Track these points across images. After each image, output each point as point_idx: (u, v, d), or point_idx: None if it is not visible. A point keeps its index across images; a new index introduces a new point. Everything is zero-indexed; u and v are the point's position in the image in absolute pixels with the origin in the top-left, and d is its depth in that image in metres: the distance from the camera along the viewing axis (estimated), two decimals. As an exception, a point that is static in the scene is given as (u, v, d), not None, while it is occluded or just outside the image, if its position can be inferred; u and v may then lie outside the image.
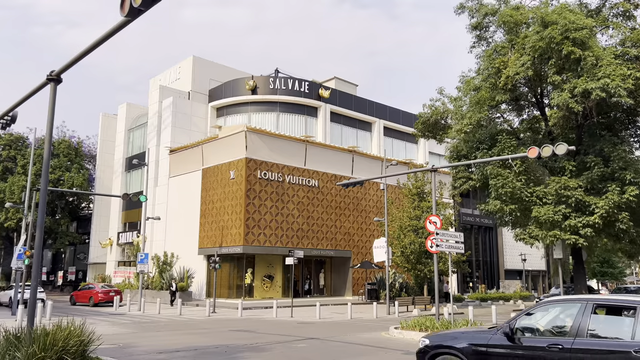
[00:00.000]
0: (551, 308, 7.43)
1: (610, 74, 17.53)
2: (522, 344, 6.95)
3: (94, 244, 47.74)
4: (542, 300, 8.10)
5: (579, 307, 6.87)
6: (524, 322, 7.26)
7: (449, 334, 8.24)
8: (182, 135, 40.04)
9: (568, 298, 7.66)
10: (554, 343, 6.68)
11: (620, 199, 18.32)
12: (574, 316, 6.85)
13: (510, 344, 7.03)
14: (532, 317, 7.35)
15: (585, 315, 6.72)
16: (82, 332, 8.97)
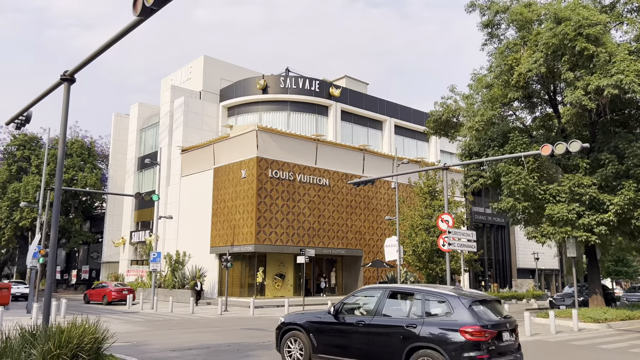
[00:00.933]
0: (364, 294, 9.74)
1: (624, 70, 17.32)
2: (343, 321, 9.24)
3: (107, 243, 48.19)
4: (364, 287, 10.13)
5: (380, 293, 9.16)
6: (346, 305, 9.56)
7: (297, 315, 10.35)
8: (193, 135, 40.25)
9: (374, 286, 9.94)
10: (360, 320, 8.99)
11: (636, 195, 18.12)
12: (375, 300, 9.14)
13: (335, 320, 9.35)
14: (352, 301, 9.69)
15: (382, 299, 9.00)
16: (97, 329, 9.05)
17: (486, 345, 7.72)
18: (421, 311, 8.42)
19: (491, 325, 7.94)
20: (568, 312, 19.51)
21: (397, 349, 8.26)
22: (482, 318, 7.98)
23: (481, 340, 7.70)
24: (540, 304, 33.45)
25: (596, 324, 18.32)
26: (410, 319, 8.38)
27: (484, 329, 7.77)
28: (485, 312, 8.23)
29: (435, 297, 8.53)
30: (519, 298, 39.23)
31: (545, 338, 15.44)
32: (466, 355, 7.62)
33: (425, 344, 7.99)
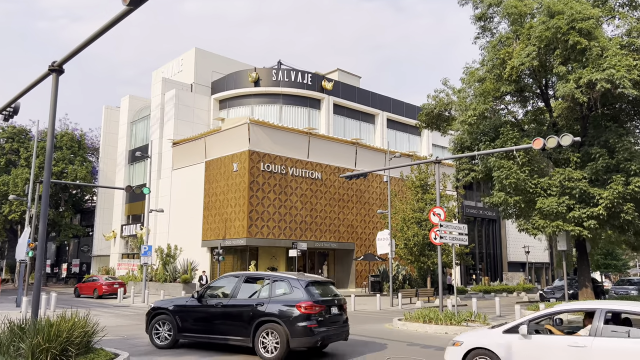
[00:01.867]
0: (224, 280, 11.22)
1: (616, 64, 17.37)
2: (205, 303, 10.72)
3: (97, 236, 47.90)
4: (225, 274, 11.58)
5: (237, 279, 10.85)
6: (208, 290, 11.03)
7: (165, 301, 11.80)
8: (184, 128, 40.00)
9: (233, 273, 11.48)
10: (220, 302, 10.55)
11: (625, 189, 18.23)
12: (232, 285, 10.70)
13: (198, 303, 10.83)
14: (214, 286, 11.20)
15: (239, 284, 10.64)
16: (87, 323, 8.98)
17: (316, 317, 9.73)
18: (268, 293, 10.20)
19: (321, 301, 9.95)
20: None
21: (248, 323, 10.00)
22: (314, 296, 9.92)
23: (312, 312, 9.66)
24: (530, 297, 33.72)
25: (586, 316, 18.46)
26: (259, 299, 10.18)
27: (315, 304, 9.74)
28: (317, 291, 10.17)
29: (280, 280, 10.34)
30: (510, 291, 39.52)
31: (535, 331, 15.53)
32: (301, 325, 9.58)
33: (270, 318, 9.80)
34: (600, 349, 7.01)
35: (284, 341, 9.55)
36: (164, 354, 10.52)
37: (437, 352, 11.27)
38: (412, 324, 15.46)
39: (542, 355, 7.45)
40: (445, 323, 14.81)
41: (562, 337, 7.55)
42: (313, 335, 9.63)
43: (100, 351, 9.11)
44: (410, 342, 12.57)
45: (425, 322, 15.25)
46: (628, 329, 7.34)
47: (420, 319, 15.55)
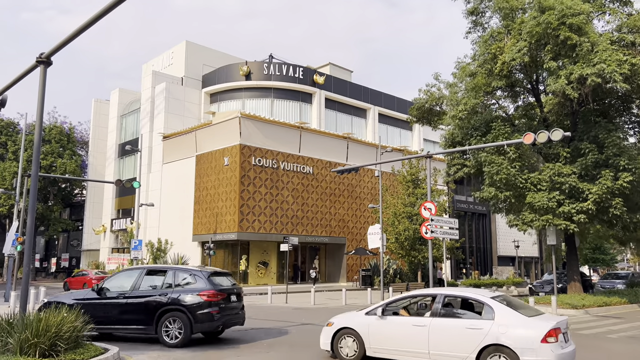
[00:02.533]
0: (125, 274, 11.91)
1: (606, 59, 17.46)
2: (105, 295, 11.27)
3: (87, 230, 47.57)
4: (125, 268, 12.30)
5: (139, 272, 11.42)
6: (107, 284, 11.53)
7: (66, 295, 12.36)
8: (175, 122, 39.74)
9: (134, 267, 12.03)
10: (122, 293, 11.15)
11: (614, 184, 18.39)
12: (134, 277, 11.32)
13: (98, 296, 11.29)
14: (113, 279, 11.72)
15: (140, 277, 11.24)
16: (76, 318, 8.92)
17: (217, 304, 10.71)
18: (172, 283, 11.01)
19: (222, 290, 10.96)
20: (547, 299, 19.84)
21: (152, 313, 10.67)
22: (216, 285, 10.94)
23: (214, 300, 10.67)
24: (520, 291, 34.00)
25: (574, 310, 18.66)
26: (162, 290, 10.92)
27: (217, 293, 10.77)
28: (219, 281, 11.18)
29: (184, 272, 11.25)
30: (500, 285, 39.82)
31: (525, 324, 15.65)
32: (204, 311, 10.51)
33: (174, 306, 10.57)
34: (436, 326, 8.48)
35: (187, 327, 10.43)
36: (155, 348, 10.48)
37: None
38: (402, 317, 15.47)
39: (392, 332, 8.94)
40: (436, 317, 14.84)
41: (409, 318, 9.02)
42: (214, 321, 10.70)
43: (89, 346, 9.04)
44: (401, 336, 12.59)
45: (416, 316, 15.27)
46: (459, 311, 8.86)
47: (411, 312, 15.56)
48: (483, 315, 8.38)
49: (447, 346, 8.33)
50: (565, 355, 7.86)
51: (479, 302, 8.62)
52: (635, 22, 18.63)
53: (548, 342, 7.64)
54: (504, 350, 7.84)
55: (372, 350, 9.06)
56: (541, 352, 7.59)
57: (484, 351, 7.98)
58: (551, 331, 7.73)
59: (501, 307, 8.27)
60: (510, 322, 8.02)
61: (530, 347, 7.65)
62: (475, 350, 8.03)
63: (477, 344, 8.02)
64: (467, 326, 8.24)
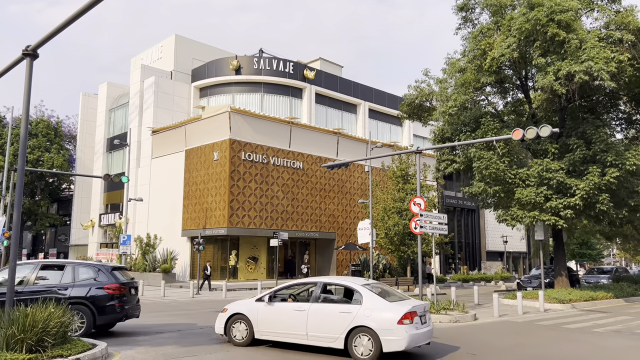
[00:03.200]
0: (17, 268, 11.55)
1: (594, 56, 17.62)
2: None
3: (75, 225, 47.15)
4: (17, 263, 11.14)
5: (32, 267, 11.51)
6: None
7: None
8: (164, 116, 39.44)
9: (25, 262, 12.03)
10: None
11: (601, 180, 18.60)
12: (27, 272, 11.33)
13: None
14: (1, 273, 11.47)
15: (35, 271, 11.38)
16: (63, 313, 8.85)
17: (121, 296, 11.37)
18: (72, 278, 11.31)
19: (125, 283, 11.69)
20: (535, 294, 20.05)
21: None
22: (119, 279, 11.60)
23: (118, 293, 11.31)
24: (508, 286, 34.32)
25: (561, 304, 18.89)
26: (62, 285, 11.15)
27: (122, 286, 11.46)
28: (120, 275, 11.88)
29: (85, 266, 11.69)
30: (488, 280, 40.16)
31: (512, 319, 15.84)
32: (109, 304, 11.09)
33: (76, 300, 10.89)
34: (314, 311, 9.51)
35: (90, 320, 10.86)
36: (141, 344, 10.44)
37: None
38: (392, 312, 15.56)
39: (277, 317, 9.92)
40: (425, 311, 14.94)
41: (292, 304, 9.95)
42: (118, 313, 11.33)
43: (77, 341, 8.99)
44: (390, 331, 12.66)
45: (405, 310, 15.35)
46: (336, 297, 10.04)
47: (400, 307, 15.64)
48: (354, 301, 9.44)
49: (322, 328, 9.36)
50: (418, 335, 9.02)
51: (351, 289, 9.69)
52: (623, 19, 18.80)
53: (403, 324, 8.79)
54: (368, 331, 8.93)
55: (260, 333, 10.06)
56: (396, 332, 8.75)
57: (352, 332, 9.06)
58: (406, 314, 8.88)
59: (369, 294, 9.35)
60: (375, 306, 9.11)
61: (389, 328, 8.79)
62: (344, 331, 9.11)
63: (347, 326, 9.10)
64: (340, 310, 9.33)
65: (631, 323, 14.94)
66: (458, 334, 12.58)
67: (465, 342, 11.33)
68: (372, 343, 8.87)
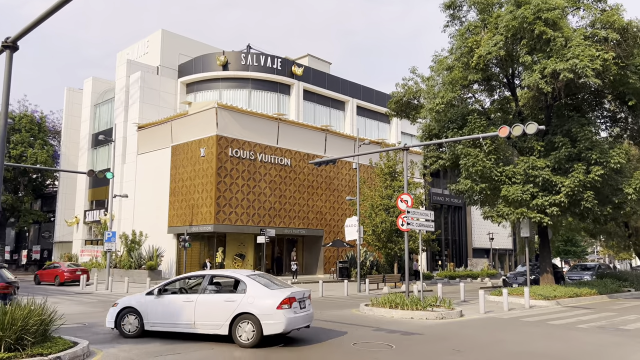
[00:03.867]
0: None
1: (579, 55, 17.73)
2: None
3: (59, 222, 46.54)
4: None
5: None
6: None
7: None
8: (150, 111, 39.04)
9: None
10: None
11: (586, 178, 18.75)
12: None
13: None
14: None
15: None
16: (44, 311, 8.69)
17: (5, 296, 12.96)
18: None
19: (10, 282, 14.03)
20: (520, 290, 20.18)
21: None
22: (4, 278, 13.67)
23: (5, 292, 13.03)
24: (494, 283, 34.58)
25: (546, 301, 19.03)
26: None
27: (7, 284, 13.59)
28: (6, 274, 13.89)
29: None
30: (474, 277, 40.43)
31: (498, 315, 15.92)
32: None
33: None
34: (201, 301, 10.18)
35: None
36: (127, 342, 10.29)
37: (402, 337, 11.39)
38: (378, 309, 15.59)
39: (166, 309, 10.44)
40: (411, 308, 14.97)
41: (181, 295, 10.57)
42: None
43: (58, 339, 8.83)
44: (376, 328, 12.67)
45: (391, 307, 15.39)
46: (223, 288, 10.77)
47: (386, 304, 15.68)
48: (239, 291, 10.23)
49: (208, 317, 10.08)
50: (296, 318, 10.00)
51: (237, 280, 10.53)
52: (609, 18, 18.93)
53: (282, 309, 9.72)
54: (250, 317, 9.79)
55: (150, 325, 10.54)
56: (276, 317, 9.68)
57: (236, 318, 9.87)
58: (285, 300, 9.80)
59: (252, 283, 10.18)
60: (257, 294, 9.97)
61: (269, 313, 9.70)
62: (229, 318, 9.91)
63: (231, 313, 9.91)
64: (225, 299, 10.10)
65: (615, 319, 15.10)
66: (444, 330, 12.60)
67: (451, 339, 11.34)
68: (254, 328, 9.73)
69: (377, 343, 10.59)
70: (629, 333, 12.51)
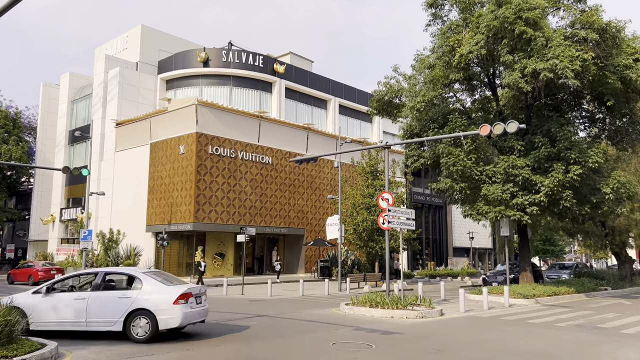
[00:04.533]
0: None
1: (559, 55, 17.84)
2: None
3: (34, 220, 45.48)
4: None
5: None
6: None
7: None
8: (129, 108, 38.35)
9: None
10: None
11: (565, 177, 18.89)
12: None
13: None
14: None
15: None
16: (10, 312, 8.33)
17: None
18: None
19: None
20: (500, 289, 20.25)
21: None
22: None
23: None
24: (474, 281, 34.75)
25: (525, 299, 19.12)
26: None
27: None
28: None
29: None
30: (454, 276, 40.62)
31: (479, 314, 15.91)
32: None
33: None
34: (94, 298, 10.22)
35: None
36: (98, 343, 9.95)
37: (382, 336, 11.25)
38: (359, 308, 15.44)
39: (55, 307, 10.33)
40: (392, 307, 14.86)
41: (72, 293, 10.54)
42: None
43: (24, 341, 8.48)
44: (356, 327, 12.51)
45: (372, 306, 15.27)
46: (117, 284, 10.81)
47: (367, 303, 15.55)
48: (134, 287, 10.39)
49: (102, 314, 10.11)
50: (192, 313, 10.32)
51: (132, 276, 10.67)
52: (588, 19, 19.09)
53: (179, 304, 10.01)
54: (146, 313, 9.95)
55: (36, 324, 10.14)
56: (172, 311, 9.96)
57: (131, 314, 9.98)
58: (182, 295, 10.10)
59: (148, 279, 10.40)
60: (153, 290, 10.18)
61: (165, 308, 9.95)
62: (123, 314, 10.00)
63: (126, 309, 10.01)
64: (120, 296, 10.21)
65: (593, 318, 15.20)
66: (425, 329, 12.50)
67: (432, 338, 11.24)
68: (149, 323, 9.91)
69: (356, 343, 10.43)
70: (606, 331, 12.57)
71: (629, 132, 22.12)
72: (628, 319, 14.89)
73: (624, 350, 10.18)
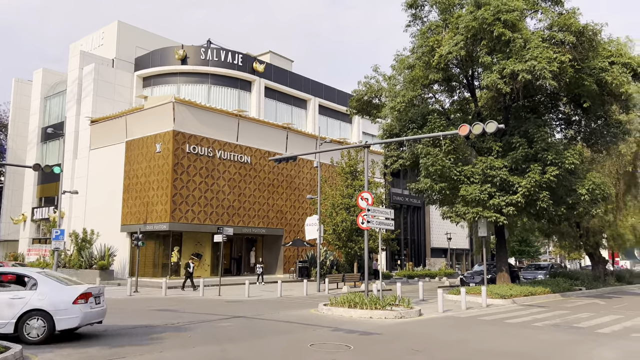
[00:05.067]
0: None
1: (537, 56, 18.00)
2: None
3: (4, 219, 44.23)
4: None
5: None
6: None
7: None
8: (104, 105, 37.54)
9: None
10: None
11: (542, 178, 19.07)
12: None
13: None
14: None
15: None
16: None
17: None
18: None
19: None
20: (477, 289, 20.34)
21: None
22: None
23: None
24: (451, 282, 34.96)
25: (503, 299, 19.23)
26: None
27: None
28: None
29: None
30: (432, 276, 40.83)
31: (457, 314, 15.90)
32: None
33: None
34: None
35: None
36: (66, 346, 9.57)
37: (361, 337, 11.10)
38: (337, 308, 15.29)
39: None
40: (370, 307, 14.75)
41: None
42: None
43: (-14, 345, 8.07)
44: (335, 328, 12.34)
45: (350, 306, 15.13)
46: (10, 285, 10.31)
47: (345, 303, 15.41)
48: (29, 287, 10.05)
49: None
50: (92, 313, 10.22)
51: (26, 277, 10.32)
52: (566, 21, 19.31)
53: (78, 304, 9.89)
54: (41, 314, 9.69)
55: None
56: (71, 311, 9.81)
57: (25, 315, 9.66)
58: (81, 295, 10.00)
59: (44, 279, 10.17)
60: (50, 290, 9.95)
61: (64, 309, 9.77)
62: (16, 316, 9.65)
63: (19, 311, 9.68)
64: (12, 297, 9.82)
65: (568, 317, 15.33)
66: (403, 329, 12.41)
67: (410, 338, 11.15)
68: (45, 324, 9.66)
69: (335, 343, 10.26)
70: (582, 331, 12.66)
71: (603, 134, 22.46)
72: (603, 319, 15.06)
73: (600, 350, 10.23)
